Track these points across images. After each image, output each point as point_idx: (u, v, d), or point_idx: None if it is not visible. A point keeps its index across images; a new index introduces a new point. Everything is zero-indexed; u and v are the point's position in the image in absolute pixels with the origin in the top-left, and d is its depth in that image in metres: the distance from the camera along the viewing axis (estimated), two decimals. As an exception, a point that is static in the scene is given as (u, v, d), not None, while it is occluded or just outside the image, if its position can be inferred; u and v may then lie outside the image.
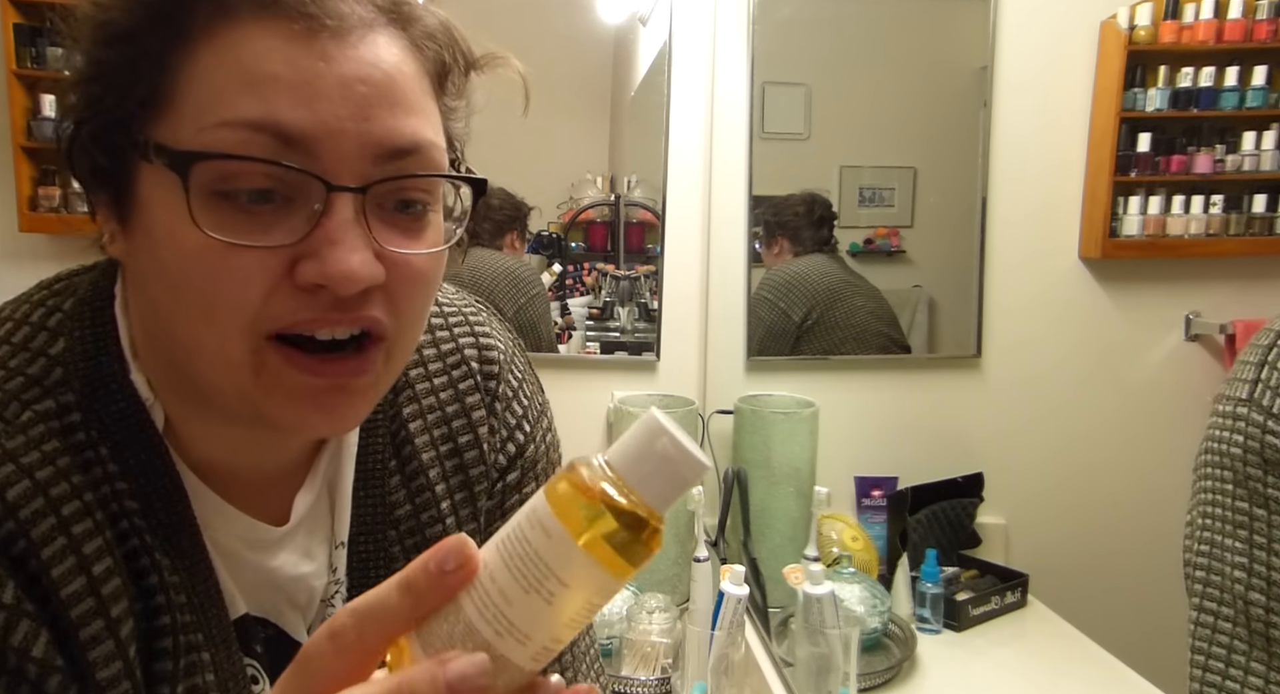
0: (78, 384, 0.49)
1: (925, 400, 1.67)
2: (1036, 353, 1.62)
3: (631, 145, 1.76)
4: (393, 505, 0.60)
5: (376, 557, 0.59)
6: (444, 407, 0.63)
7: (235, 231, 0.43)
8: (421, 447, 0.62)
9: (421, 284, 0.49)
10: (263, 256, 0.44)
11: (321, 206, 0.44)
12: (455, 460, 0.63)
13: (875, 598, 1.33)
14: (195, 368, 0.47)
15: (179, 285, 0.45)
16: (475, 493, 0.64)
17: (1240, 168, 1.52)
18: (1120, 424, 1.60)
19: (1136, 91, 1.53)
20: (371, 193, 0.46)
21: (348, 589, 0.59)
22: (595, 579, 0.33)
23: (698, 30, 1.69)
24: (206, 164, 0.43)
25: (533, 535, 0.33)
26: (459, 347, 0.65)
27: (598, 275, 1.77)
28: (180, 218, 0.43)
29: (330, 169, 0.44)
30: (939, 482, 1.55)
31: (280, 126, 0.43)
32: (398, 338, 0.50)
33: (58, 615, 0.45)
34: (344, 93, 0.44)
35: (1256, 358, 0.75)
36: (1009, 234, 1.61)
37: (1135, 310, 1.61)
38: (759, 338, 1.66)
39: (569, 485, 0.33)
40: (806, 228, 1.65)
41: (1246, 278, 1.56)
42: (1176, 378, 1.59)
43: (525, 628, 0.33)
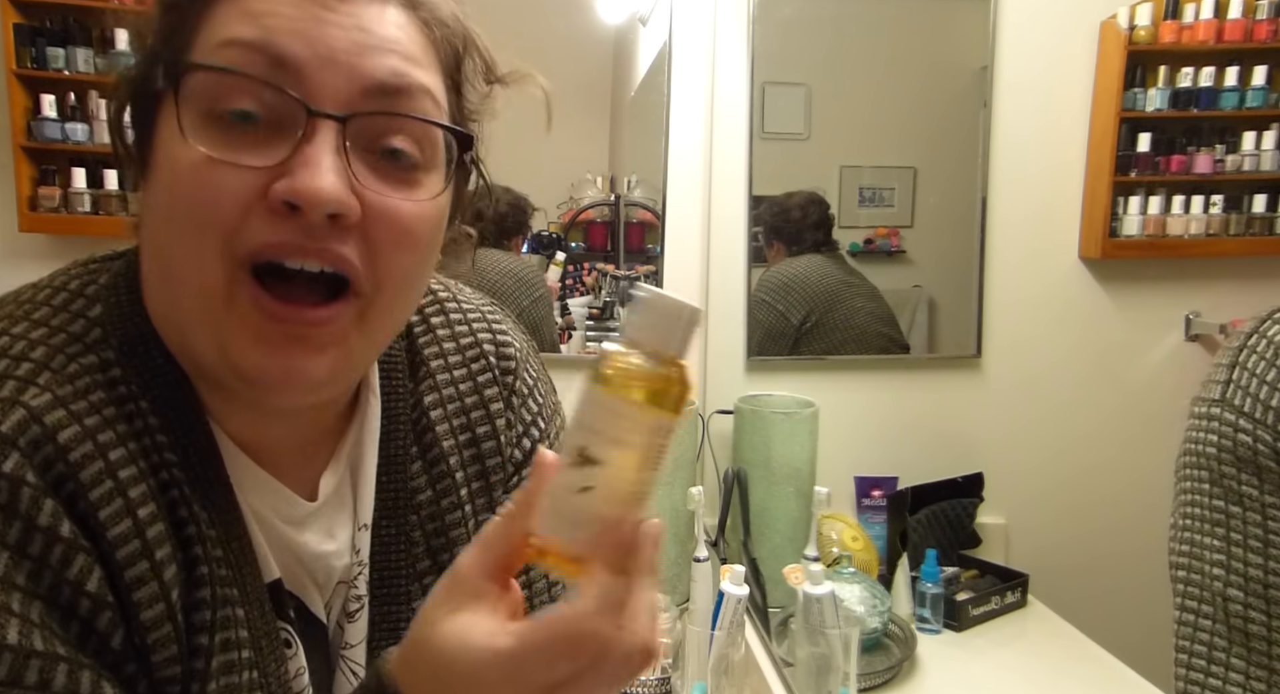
0: (116, 342, 0.51)
1: (925, 400, 1.67)
2: (1036, 353, 1.62)
3: (631, 145, 1.75)
4: (414, 491, 0.61)
5: (398, 540, 0.60)
6: (463, 398, 0.65)
7: (220, 148, 0.46)
8: (442, 434, 0.63)
9: (404, 237, 0.50)
10: (243, 174, 0.46)
11: (303, 131, 0.46)
12: (473, 450, 0.64)
13: (875, 598, 1.33)
14: (180, 302, 0.49)
15: (171, 206, 0.47)
16: (491, 483, 0.65)
17: (1240, 168, 1.52)
18: (1120, 424, 1.60)
19: (1136, 91, 1.53)
20: (355, 127, 0.48)
21: (370, 571, 0.60)
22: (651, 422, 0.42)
23: (698, 30, 1.69)
24: (199, 79, 0.46)
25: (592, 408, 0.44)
26: (478, 341, 0.67)
27: (598, 275, 1.77)
28: (177, 136, 0.46)
29: (315, 95, 0.46)
30: (939, 482, 1.55)
31: (273, 47, 0.46)
32: (374, 297, 0.50)
33: (105, 555, 0.46)
34: (341, 33, 0.47)
35: (1228, 360, 0.77)
36: (1009, 234, 1.61)
37: (1135, 310, 1.61)
38: (758, 339, 1.66)
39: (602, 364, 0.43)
40: (805, 231, 1.65)
41: (1246, 278, 1.56)
42: (1176, 378, 1.59)
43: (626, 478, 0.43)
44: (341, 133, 0.47)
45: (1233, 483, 0.74)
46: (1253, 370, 0.74)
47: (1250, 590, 0.73)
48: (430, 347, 0.65)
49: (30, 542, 0.44)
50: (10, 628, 0.42)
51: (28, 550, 0.44)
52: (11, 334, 0.49)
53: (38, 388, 0.47)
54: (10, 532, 0.43)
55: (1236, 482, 0.74)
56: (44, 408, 0.46)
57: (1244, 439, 0.73)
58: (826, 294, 1.65)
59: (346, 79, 0.47)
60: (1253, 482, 0.73)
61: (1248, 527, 0.73)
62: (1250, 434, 0.73)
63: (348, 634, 0.59)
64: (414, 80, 0.49)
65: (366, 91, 0.48)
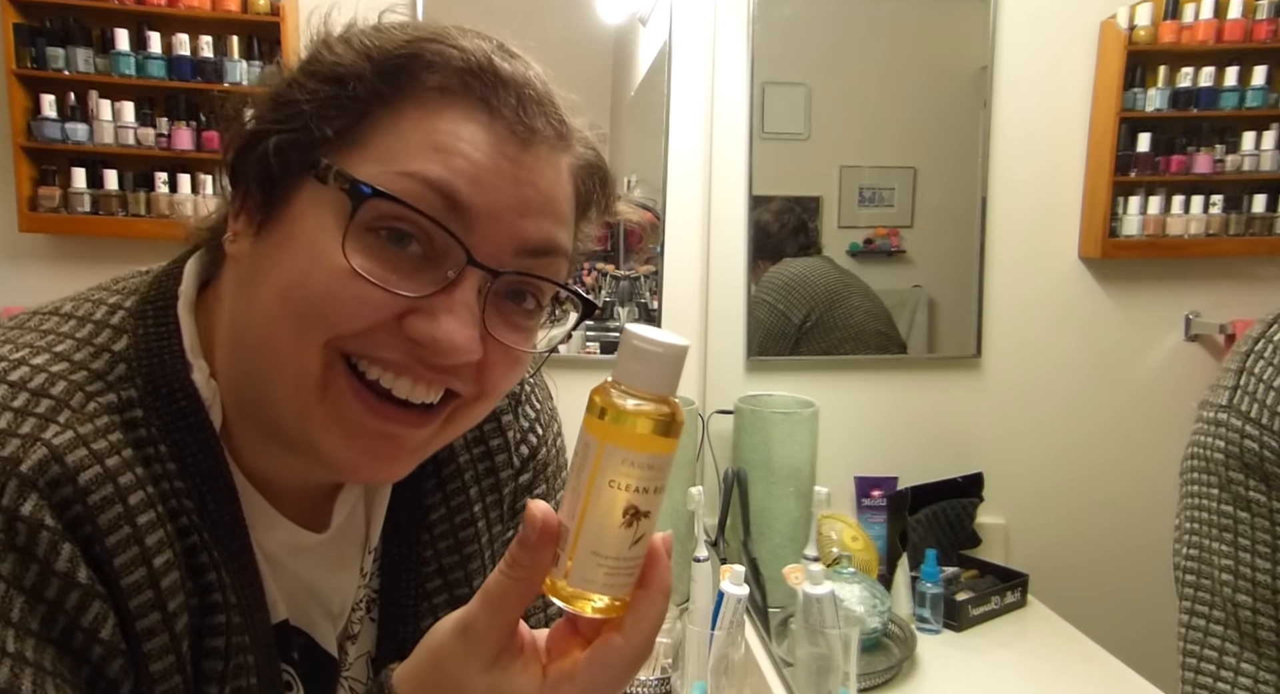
0: (140, 380, 0.50)
1: (925, 400, 1.67)
2: (1036, 353, 1.62)
3: (631, 145, 1.75)
4: (427, 510, 0.62)
5: (407, 561, 0.61)
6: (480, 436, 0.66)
7: (371, 264, 0.46)
8: (458, 449, 0.64)
9: (511, 370, 0.52)
10: (384, 297, 0.47)
11: (455, 275, 0.48)
12: (487, 463, 0.65)
13: (875, 598, 1.33)
14: (267, 369, 0.49)
15: (294, 291, 0.47)
16: (504, 495, 0.66)
17: (1240, 168, 1.52)
18: (1120, 424, 1.60)
19: (1136, 91, 1.52)
20: (501, 279, 0.49)
21: (375, 592, 0.60)
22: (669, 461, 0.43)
23: (698, 30, 1.69)
24: (377, 202, 0.46)
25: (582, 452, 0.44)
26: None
27: (597, 275, 1.77)
28: (329, 237, 0.46)
29: (477, 246, 0.48)
30: (939, 482, 1.55)
31: (453, 192, 0.47)
32: (467, 405, 0.52)
33: (118, 603, 0.46)
34: (514, 189, 0.48)
35: (1235, 365, 0.77)
36: (1009, 234, 1.61)
37: (1135, 310, 1.61)
38: (759, 339, 1.66)
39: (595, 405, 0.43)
40: (785, 240, 1.66)
41: (1246, 278, 1.56)
42: (1176, 378, 1.59)
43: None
44: (487, 285, 0.48)
45: (1240, 488, 0.74)
46: (1260, 375, 0.75)
47: (1259, 596, 0.73)
48: None
49: (46, 586, 0.43)
50: (25, 677, 0.41)
51: (44, 595, 0.43)
52: (32, 365, 0.48)
53: (59, 426, 0.46)
54: (27, 575, 0.43)
55: (1244, 487, 0.74)
56: (65, 447, 0.45)
57: (1250, 445, 0.73)
58: (827, 293, 1.65)
59: (508, 236, 0.49)
60: (1260, 487, 0.73)
61: (1255, 532, 0.73)
62: (1257, 440, 0.73)
63: (349, 654, 0.60)
64: (559, 244, 0.51)
65: (519, 251, 0.49)
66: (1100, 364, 1.62)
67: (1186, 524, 0.79)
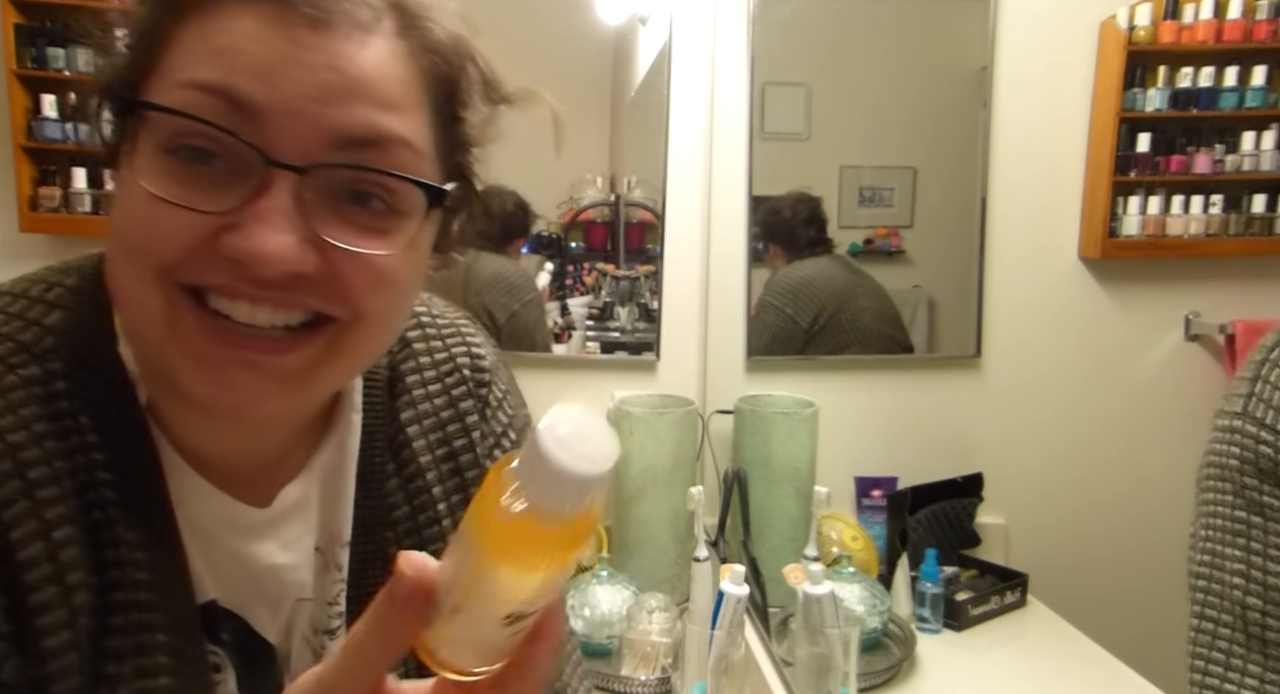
0: (66, 353, 0.49)
1: (925, 400, 1.67)
2: (1036, 353, 1.62)
3: (631, 145, 1.75)
4: (390, 507, 0.60)
5: (375, 556, 0.60)
6: (439, 412, 0.64)
7: (172, 189, 0.44)
8: (419, 450, 0.62)
9: (377, 282, 0.48)
10: (192, 217, 0.44)
11: (258, 181, 0.44)
12: (451, 464, 0.64)
13: (875, 598, 1.33)
14: (126, 315, 0.48)
15: (119, 232, 0.46)
16: (470, 496, 0.64)
17: (1240, 168, 1.52)
18: (1120, 424, 1.60)
19: (1136, 91, 1.52)
20: (317, 178, 0.45)
21: (349, 587, 0.59)
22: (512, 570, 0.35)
23: (698, 30, 1.69)
24: (156, 119, 0.44)
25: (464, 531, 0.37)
26: (452, 356, 0.66)
27: (598, 275, 1.77)
28: (129, 169, 0.45)
29: (275, 144, 0.44)
30: (939, 482, 1.55)
31: (234, 93, 0.43)
32: (353, 327, 0.49)
33: (13, 578, 0.45)
34: (309, 76, 0.44)
35: (1250, 373, 0.78)
36: (1009, 234, 1.61)
37: (1135, 310, 1.61)
38: (765, 342, 1.66)
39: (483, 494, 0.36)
40: (797, 229, 1.65)
41: (1246, 278, 1.56)
42: (1176, 378, 1.59)
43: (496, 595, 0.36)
44: (300, 186, 0.44)
45: (1254, 494, 0.75)
46: (1275, 383, 0.75)
47: (1269, 598, 0.74)
48: (408, 363, 0.63)
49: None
50: None
51: None
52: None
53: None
54: None
55: (1258, 492, 0.75)
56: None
57: (1265, 451, 0.74)
58: (834, 295, 1.65)
59: (311, 128, 0.44)
60: (1274, 493, 0.74)
61: (1268, 537, 0.74)
62: (1271, 446, 0.74)
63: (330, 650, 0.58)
64: (386, 131, 0.46)
65: (332, 143, 0.45)
66: (1100, 364, 1.62)
67: (1202, 531, 0.80)
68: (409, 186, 0.48)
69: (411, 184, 0.48)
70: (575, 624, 1.36)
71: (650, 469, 1.54)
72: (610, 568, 1.45)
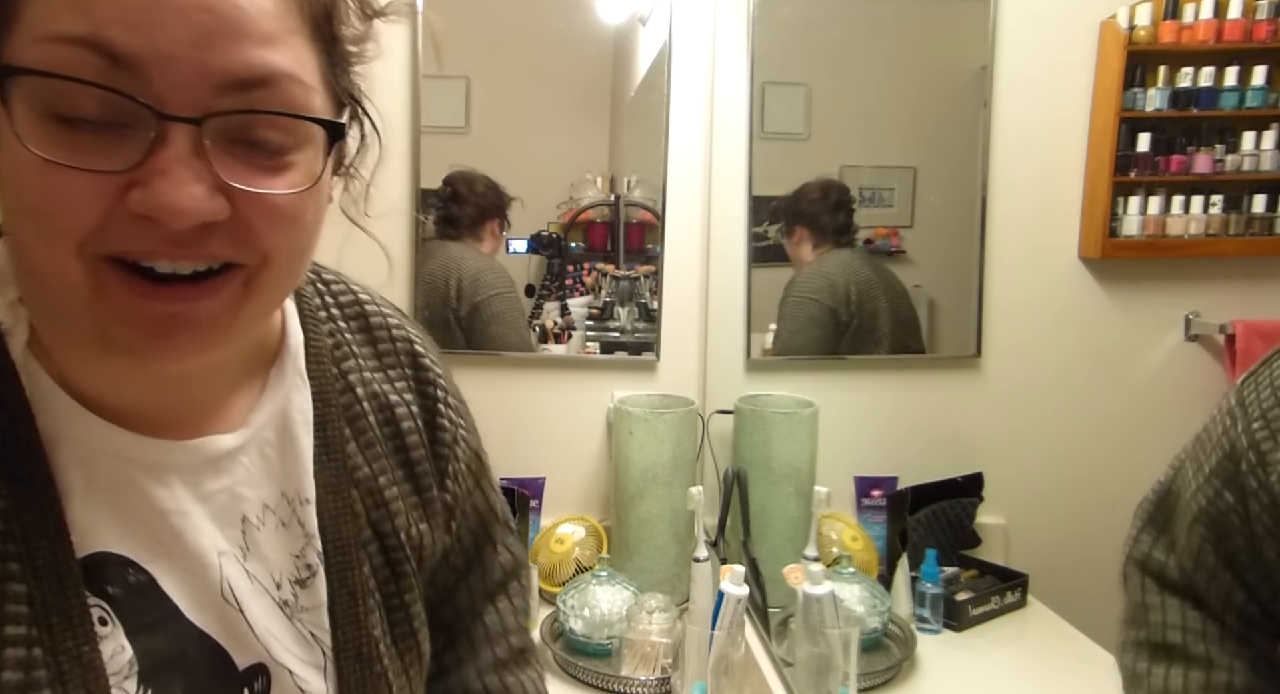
0: None
1: (925, 400, 1.67)
2: (1036, 353, 1.62)
3: (631, 145, 1.75)
4: (353, 469, 0.63)
5: (344, 513, 0.62)
6: (379, 384, 0.67)
7: (67, 152, 0.42)
8: (371, 425, 0.65)
9: (282, 222, 0.48)
10: (95, 180, 0.43)
11: (155, 135, 0.43)
12: (396, 442, 0.67)
13: (875, 598, 1.33)
14: (42, 285, 0.48)
15: (16, 202, 0.45)
16: (416, 473, 0.67)
17: (1240, 168, 1.52)
18: (1120, 424, 1.60)
19: (1136, 91, 1.52)
20: (213, 126, 0.44)
21: (321, 542, 0.61)
22: None
23: (698, 30, 1.69)
24: (32, 82, 0.42)
25: None
26: (393, 339, 0.70)
27: (598, 275, 1.77)
28: (10, 135, 0.43)
29: (163, 96, 0.43)
30: (939, 482, 1.55)
31: (107, 45, 0.41)
32: (261, 270, 0.49)
33: None
34: (182, 19, 0.42)
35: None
36: (1009, 234, 1.61)
37: (1135, 310, 1.61)
38: (802, 342, 1.65)
39: None
40: (824, 214, 1.64)
41: (1246, 278, 1.56)
42: (1176, 378, 1.59)
43: None
44: (198, 134, 0.44)
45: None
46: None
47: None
48: (354, 342, 0.67)
49: None
50: None
51: None
52: None
53: None
54: None
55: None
56: None
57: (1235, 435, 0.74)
58: (864, 290, 1.64)
59: (195, 75, 0.43)
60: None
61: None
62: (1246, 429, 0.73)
63: (301, 599, 0.59)
64: (273, 68, 0.45)
65: (220, 88, 0.44)
66: (1100, 364, 1.62)
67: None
68: (305, 123, 0.48)
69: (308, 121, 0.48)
70: (575, 624, 1.36)
71: (650, 469, 1.54)
72: (610, 568, 1.45)
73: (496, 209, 1.73)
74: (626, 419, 1.57)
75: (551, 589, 1.53)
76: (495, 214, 1.73)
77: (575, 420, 1.76)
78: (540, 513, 1.71)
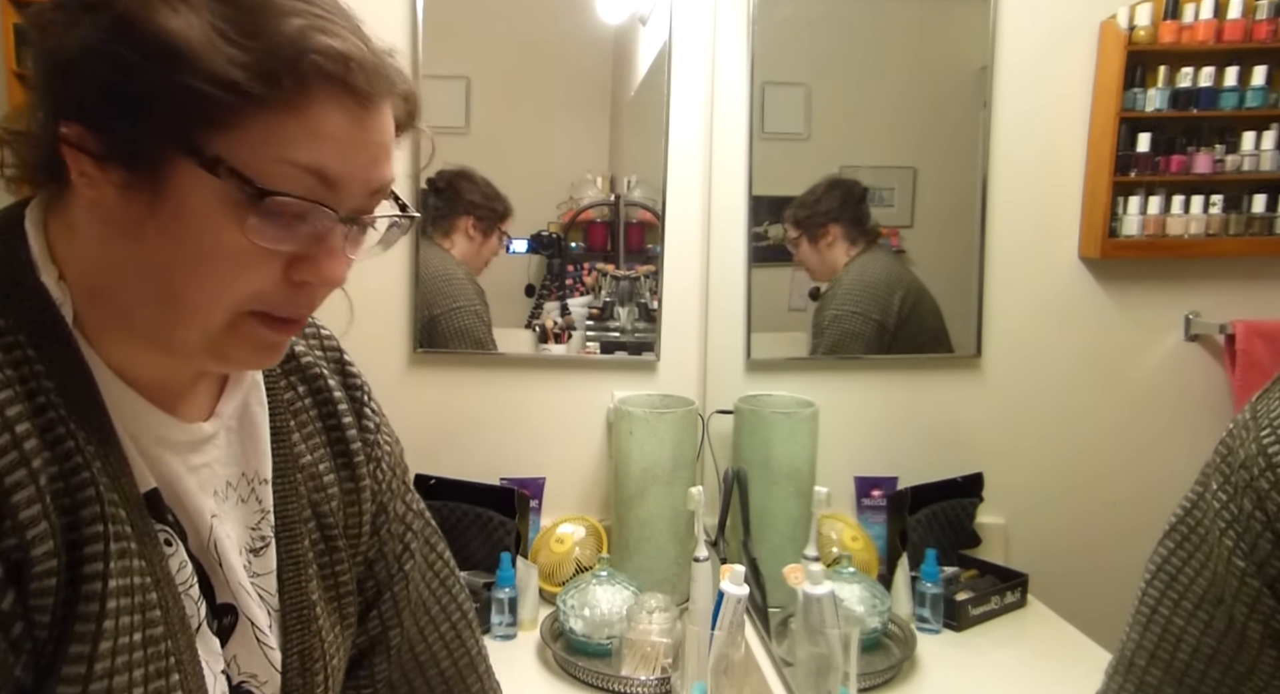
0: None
1: (925, 400, 1.67)
2: (1036, 353, 1.62)
3: (631, 145, 1.76)
4: (298, 456, 0.74)
5: (293, 493, 0.73)
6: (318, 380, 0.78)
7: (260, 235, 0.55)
8: (310, 420, 0.76)
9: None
10: (273, 257, 0.56)
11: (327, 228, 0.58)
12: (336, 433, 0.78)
13: (875, 598, 1.33)
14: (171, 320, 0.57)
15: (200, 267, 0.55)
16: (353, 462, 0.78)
17: (1240, 168, 1.52)
18: (1120, 424, 1.60)
19: (1136, 91, 1.52)
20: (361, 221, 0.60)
21: (275, 518, 0.71)
22: None
23: (698, 30, 1.69)
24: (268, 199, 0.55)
25: None
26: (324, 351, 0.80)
27: (598, 275, 1.77)
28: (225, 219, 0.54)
29: (341, 202, 0.57)
30: (939, 482, 1.55)
31: (324, 172, 0.56)
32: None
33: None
34: (367, 152, 0.58)
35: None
36: (1009, 234, 1.61)
37: (1135, 310, 1.61)
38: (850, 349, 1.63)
39: None
40: (849, 207, 1.62)
41: (1246, 278, 1.56)
42: (1176, 378, 1.59)
43: None
44: (349, 229, 0.59)
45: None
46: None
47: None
48: (298, 347, 0.77)
49: None
50: None
51: None
52: None
53: None
54: None
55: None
56: None
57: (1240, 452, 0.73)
58: (908, 291, 1.63)
59: (363, 186, 0.58)
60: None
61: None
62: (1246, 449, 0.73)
63: (254, 566, 0.70)
64: (392, 177, 0.61)
65: (370, 193, 0.60)
66: (1100, 364, 1.62)
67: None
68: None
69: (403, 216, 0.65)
70: (575, 624, 1.36)
71: (650, 469, 1.54)
72: (610, 568, 1.45)
73: (471, 206, 1.71)
74: (626, 419, 1.57)
75: (551, 589, 1.53)
76: (469, 211, 1.71)
77: (575, 420, 1.76)
78: (540, 513, 1.71)
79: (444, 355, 1.72)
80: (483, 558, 1.58)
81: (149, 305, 0.58)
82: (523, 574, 1.49)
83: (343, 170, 0.56)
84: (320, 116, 0.55)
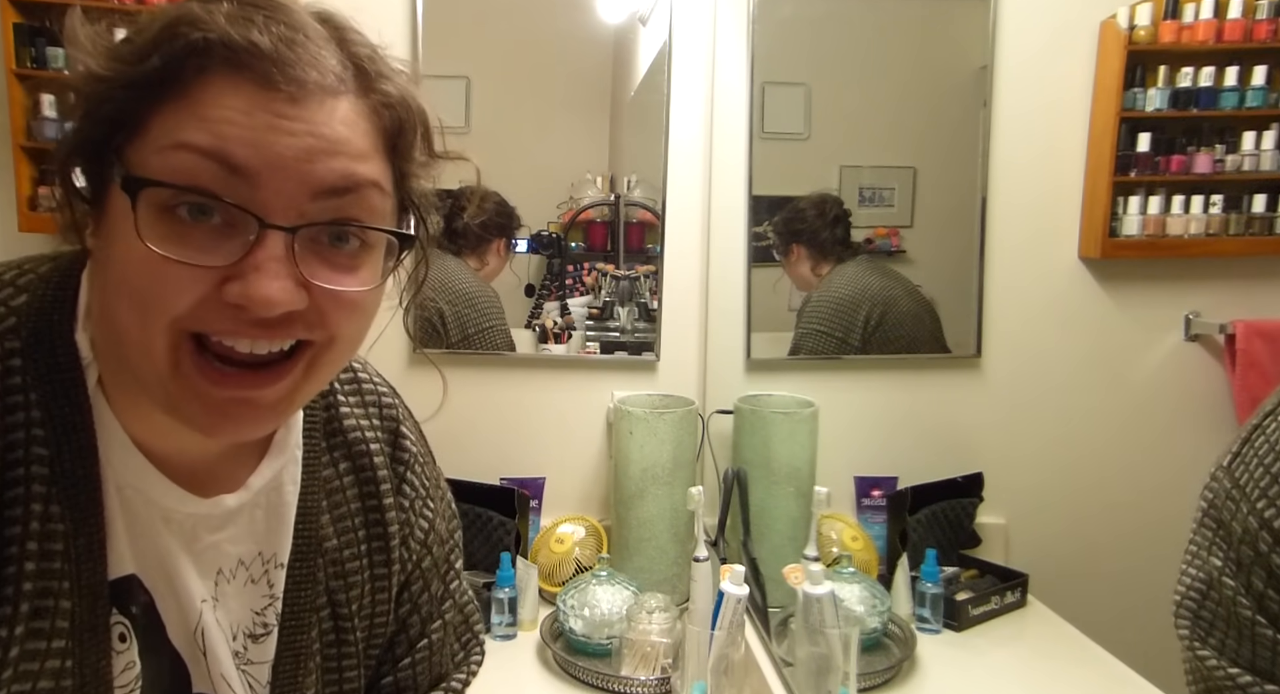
0: (26, 334, 0.55)
1: (925, 400, 1.67)
2: (1036, 353, 1.62)
3: (631, 145, 1.75)
4: (322, 539, 0.69)
5: (307, 579, 0.68)
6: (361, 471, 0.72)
7: (176, 247, 0.49)
8: (349, 498, 0.71)
9: (350, 312, 0.55)
10: (196, 272, 0.50)
11: (254, 237, 0.50)
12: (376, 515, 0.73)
13: (875, 598, 1.33)
14: (125, 352, 0.53)
15: (121, 283, 0.51)
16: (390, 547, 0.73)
17: (1240, 168, 1.52)
18: (1120, 424, 1.59)
19: (1136, 91, 1.52)
20: (304, 233, 0.52)
21: (283, 605, 0.66)
22: None
23: (698, 30, 1.69)
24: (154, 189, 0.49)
25: None
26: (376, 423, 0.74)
27: (598, 275, 1.77)
28: (132, 229, 0.49)
29: (268, 203, 0.50)
30: (939, 482, 1.55)
31: (227, 157, 0.49)
32: (322, 351, 0.56)
33: None
34: (292, 142, 0.50)
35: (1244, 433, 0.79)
36: (1009, 234, 1.61)
37: (1135, 310, 1.61)
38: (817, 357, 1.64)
39: None
40: (822, 230, 1.64)
41: (1246, 278, 1.56)
42: (1176, 378, 1.59)
43: None
44: (290, 239, 0.51)
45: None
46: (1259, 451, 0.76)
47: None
48: (346, 416, 0.72)
49: None
50: None
51: None
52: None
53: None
54: None
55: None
56: None
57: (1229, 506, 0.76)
58: (876, 303, 1.62)
59: (297, 184, 0.50)
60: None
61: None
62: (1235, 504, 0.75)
63: (250, 652, 0.65)
64: (361, 177, 0.53)
65: (316, 193, 0.51)
66: (1100, 364, 1.62)
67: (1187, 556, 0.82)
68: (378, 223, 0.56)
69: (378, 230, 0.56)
70: (575, 624, 1.36)
71: (650, 469, 1.54)
72: (610, 568, 1.45)
73: (503, 229, 1.73)
74: (626, 419, 1.57)
75: (551, 589, 1.53)
76: (502, 234, 1.73)
77: (575, 420, 1.76)
78: (540, 513, 1.71)
79: (444, 356, 1.72)
80: (483, 558, 1.58)
81: (117, 344, 0.54)
82: (523, 574, 1.49)
83: (255, 157, 0.49)
84: (207, 99, 0.49)
